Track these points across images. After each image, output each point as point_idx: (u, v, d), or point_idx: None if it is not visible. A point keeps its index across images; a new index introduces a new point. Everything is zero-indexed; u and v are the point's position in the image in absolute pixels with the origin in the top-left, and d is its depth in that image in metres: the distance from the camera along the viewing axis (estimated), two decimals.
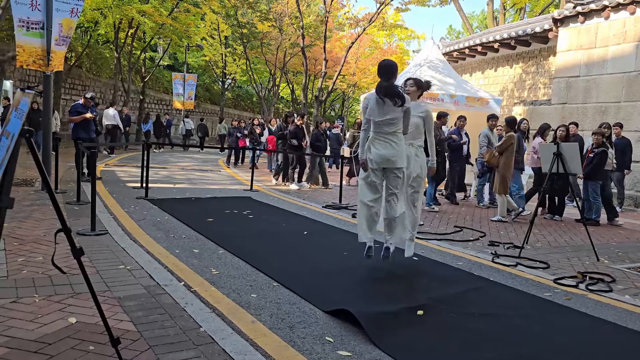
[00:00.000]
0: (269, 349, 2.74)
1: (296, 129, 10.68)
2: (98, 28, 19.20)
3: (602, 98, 10.86)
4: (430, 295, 3.77)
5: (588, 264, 5.16)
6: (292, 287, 3.80)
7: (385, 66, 4.32)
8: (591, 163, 7.62)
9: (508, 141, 7.54)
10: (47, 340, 2.64)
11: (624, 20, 10.49)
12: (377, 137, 4.34)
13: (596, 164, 7.58)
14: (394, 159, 4.28)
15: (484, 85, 15.71)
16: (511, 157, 7.56)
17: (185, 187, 9.52)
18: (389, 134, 4.30)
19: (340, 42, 25.42)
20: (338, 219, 7.10)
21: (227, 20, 24.73)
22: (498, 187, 7.61)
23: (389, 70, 4.29)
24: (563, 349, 2.99)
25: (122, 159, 15.05)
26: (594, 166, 7.59)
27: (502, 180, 7.54)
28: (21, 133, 2.09)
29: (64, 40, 7.97)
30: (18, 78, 15.93)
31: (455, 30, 47.61)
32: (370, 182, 4.38)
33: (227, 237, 5.34)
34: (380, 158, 4.29)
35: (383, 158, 4.28)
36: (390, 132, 4.29)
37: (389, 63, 4.38)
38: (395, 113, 4.25)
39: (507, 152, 7.55)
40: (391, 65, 4.36)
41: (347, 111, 38.76)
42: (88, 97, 9.08)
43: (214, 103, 31.08)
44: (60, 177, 8.52)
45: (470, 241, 6.01)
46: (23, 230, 5.01)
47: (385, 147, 4.30)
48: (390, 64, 4.37)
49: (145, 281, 3.72)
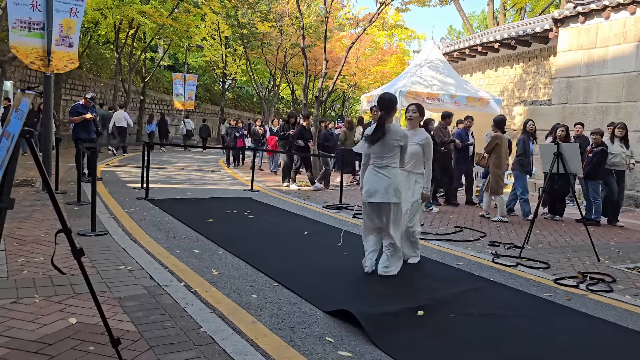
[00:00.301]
0: (270, 349, 2.74)
1: (302, 129, 10.61)
2: (98, 28, 19.21)
3: (602, 98, 10.86)
4: (430, 296, 3.77)
5: (588, 264, 5.16)
6: (292, 287, 3.80)
7: (382, 100, 4.22)
8: (591, 162, 7.62)
9: (494, 141, 7.65)
10: (48, 341, 2.64)
11: (624, 20, 10.48)
12: (372, 170, 4.26)
13: (596, 163, 7.58)
14: (386, 193, 4.14)
15: (485, 85, 15.70)
16: (500, 157, 7.63)
17: (185, 188, 9.52)
18: (382, 167, 4.19)
19: (340, 42, 25.38)
20: (338, 219, 7.10)
21: (228, 20, 24.73)
22: (492, 187, 7.63)
23: (386, 104, 4.18)
24: (563, 349, 2.98)
25: (122, 159, 15.06)
26: (593, 165, 7.59)
27: (496, 180, 7.57)
28: (21, 134, 2.09)
29: (64, 40, 7.97)
30: (19, 78, 15.94)
31: (455, 31, 47.59)
32: (368, 214, 4.33)
33: (228, 237, 5.34)
34: (371, 191, 4.19)
35: (374, 192, 4.18)
36: (383, 165, 4.19)
37: (387, 97, 4.25)
38: (390, 148, 4.15)
39: (495, 152, 7.64)
40: (390, 99, 4.23)
41: (348, 111, 38.74)
42: (88, 98, 9.09)
43: (215, 103, 31.08)
44: (61, 177, 8.53)
45: (470, 241, 6.01)
46: (23, 231, 5.01)
47: (377, 180, 4.19)
48: (388, 98, 4.23)
49: (145, 281, 3.73)
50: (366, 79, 27.52)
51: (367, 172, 4.30)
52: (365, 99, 13.98)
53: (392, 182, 4.16)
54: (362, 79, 27.31)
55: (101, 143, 8.76)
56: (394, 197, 4.16)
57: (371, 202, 4.22)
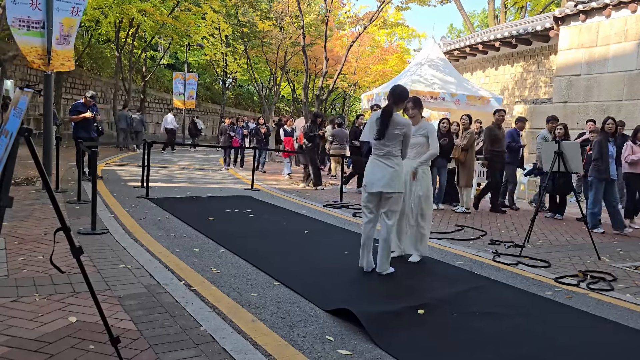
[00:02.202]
0: (270, 348, 2.74)
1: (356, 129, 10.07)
2: (99, 27, 19.18)
3: (603, 97, 10.84)
4: (431, 295, 3.76)
5: (589, 263, 5.15)
6: (292, 286, 3.79)
7: (394, 90, 4.23)
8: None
9: (471, 138, 7.95)
10: (48, 339, 2.64)
11: (625, 18, 10.46)
12: (373, 159, 4.25)
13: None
14: (387, 183, 4.12)
15: (485, 84, 15.68)
16: (473, 152, 8.00)
17: (186, 186, 9.52)
18: (384, 156, 4.18)
19: (341, 41, 25.37)
20: (339, 218, 7.09)
21: (228, 19, 24.70)
22: (462, 180, 8.02)
23: (397, 94, 4.18)
24: (564, 348, 2.98)
25: (122, 158, 15.06)
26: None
27: (469, 175, 7.95)
28: (20, 132, 2.09)
29: (65, 39, 7.96)
30: (19, 77, 15.93)
31: (456, 29, 47.49)
32: (366, 205, 4.30)
33: (228, 236, 5.34)
34: (374, 182, 4.18)
35: (376, 181, 4.16)
36: (385, 154, 4.17)
37: (400, 89, 4.26)
38: (392, 137, 4.13)
39: (472, 149, 7.99)
40: (401, 91, 4.23)
41: (348, 110, 38.71)
42: (88, 97, 9.09)
43: (215, 102, 31.07)
44: (61, 176, 8.52)
45: (471, 240, 6.00)
46: (24, 230, 5.01)
47: (379, 169, 4.17)
48: (400, 90, 4.24)
49: (145, 280, 3.72)
50: (367, 78, 27.50)
51: (369, 161, 4.29)
52: (365, 98, 13.97)
53: (394, 171, 4.14)
54: (362, 77, 27.30)
55: (94, 143, 8.72)
56: (396, 186, 4.15)
57: (372, 192, 4.20)
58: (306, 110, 11.76)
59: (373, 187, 4.18)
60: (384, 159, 4.17)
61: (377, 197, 4.23)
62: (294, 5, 17.04)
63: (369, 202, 4.28)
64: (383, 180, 4.13)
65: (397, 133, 4.13)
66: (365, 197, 4.29)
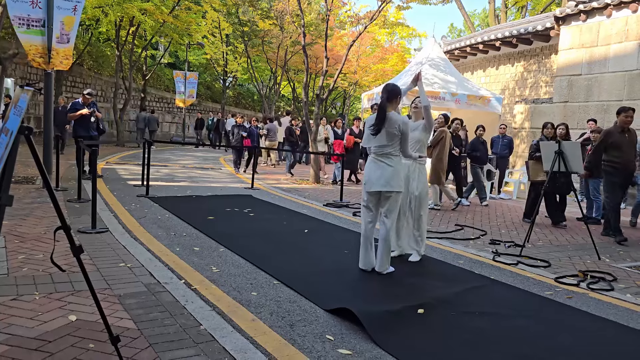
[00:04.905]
0: (269, 347, 2.74)
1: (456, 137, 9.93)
2: (99, 26, 19.17)
3: (604, 96, 10.83)
4: (431, 294, 3.76)
5: (589, 263, 5.15)
6: (292, 285, 3.79)
7: (387, 86, 4.25)
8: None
9: (439, 135, 8.06)
10: (47, 338, 2.64)
11: (626, 18, 10.45)
12: (372, 158, 4.25)
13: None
14: (386, 183, 4.12)
15: (486, 83, 15.68)
16: (443, 150, 8.03)
17: (186, 185, 9.52)
18: (382, 156, 4.17)
19: (341, 40, 25.36)
20: (339, 217, 7.09)
21: (228, 18, 24.69)
22: (431, 178, 8.03)
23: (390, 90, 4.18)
24: (564, 348, 2.98)
25: (123, 156, 15.05)
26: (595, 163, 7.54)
27: (435, 171, 8.01)
28: (20, 130, 2.09)
29: (66, 37, 7.96)
30: (19, 76, 15.92)
31: (456, 29, 47.44)
32: (366, 205, 4.30)
33: (228, 235, 5.34)
34: (373, 181, 4.18)
35: (375, 180, 4.16)
36: (383, 153, 4.16)
37: (392, 85, 4.26)
38: (390, 136, 4.12)
39: (439, 146, 8.06)
40: (394, 87, 4.24)
41: (348, 109, 38.69)
42: (86, 94, 9.01)
43: (215, 101, 31.06)
44: (62, 175, 8.52)
45: (471, 239, 6.00)
46: (24, 228, 5.01)
47: (377, 168, 4.18)
48: (393, 86, 4.25)
49: (145, 279, 3.72)
50: (367, 77, 27.48)
51: (368, 161, 4.31)
52: (366, 97, 13.97)
53: (392, 170, 4.14)
54: (362, 77, 27.27)
55: (94, 142, 8.73)
56: (395, 185, 4.15)
57: (371, 191, 4.21)
58: (306, 109, 11.73)
59: (372, 186, 4.19)
60: (383, 158, 4.18)
61: (377, 196, 4.24)
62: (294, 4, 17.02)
63: (369, 202, 4.28)
64: (382, 179, 4.13)
65: (395, 132, 4.13)
66: (365, 196, 4.30)
